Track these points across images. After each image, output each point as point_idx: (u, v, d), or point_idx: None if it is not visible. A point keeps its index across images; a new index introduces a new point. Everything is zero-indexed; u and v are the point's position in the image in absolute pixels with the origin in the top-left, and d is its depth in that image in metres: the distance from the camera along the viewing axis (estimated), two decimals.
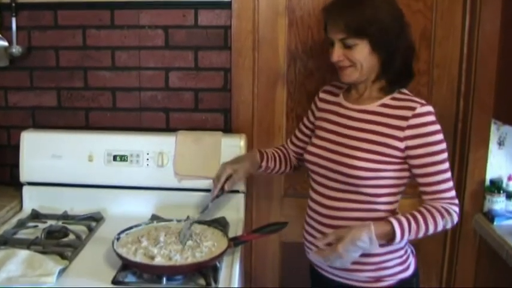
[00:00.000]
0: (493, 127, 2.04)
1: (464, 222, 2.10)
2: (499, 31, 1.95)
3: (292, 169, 1.86)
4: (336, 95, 1.68)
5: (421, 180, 1.51)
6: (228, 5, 2.01)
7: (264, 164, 1.75)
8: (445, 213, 1.48)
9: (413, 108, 1.48)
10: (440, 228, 1.49)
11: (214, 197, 1.68)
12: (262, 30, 2.06)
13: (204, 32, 2.05)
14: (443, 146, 1.50)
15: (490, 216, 1.99)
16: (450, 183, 1.51)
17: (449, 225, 1.51)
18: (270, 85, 2.11)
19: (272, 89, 2.11)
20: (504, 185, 2.05)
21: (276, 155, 1.80)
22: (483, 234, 2.01)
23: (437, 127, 1.49)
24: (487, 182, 2.07)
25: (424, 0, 2.02)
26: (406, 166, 1.52)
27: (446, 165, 1.50)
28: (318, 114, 1.71)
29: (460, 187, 2.10)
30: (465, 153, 2.07)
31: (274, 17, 2.06)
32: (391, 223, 1.44)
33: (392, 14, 1.49)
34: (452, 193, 1.51)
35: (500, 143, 2.06)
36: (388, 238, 1.46)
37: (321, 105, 1.72)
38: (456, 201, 1.52)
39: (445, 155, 1.50)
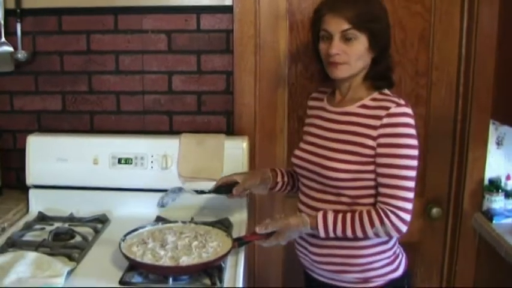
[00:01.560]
0: (492, 127, 2.06)
1: (463, 221, 2.12)
2: (497, 32, 1.98)
3: None
4: (321, 100, 1.69)
5: (378, 180, 1.49)
6: (230, 10, 2.04)
7: (279, 179, 1.77)
8: (377, 222, 1.45)
9: (387, 108, 1.46)
10: (371, 235, 1.48)
11: (203, 191, 1.76)
12: (264, 33, 2.09)
13: (206, 36, 2.07)
14: (412, 152, 1.46)
15: (489, 215, 2.01)
16: (405, 193, 1.45)
17: (384, 235, 1.48)
18: (271, 87, 2.13)
19: (273, 92, 2.14)
20: (503, 184, 2.07)
21: (289, 173, 1.81)
22: (482, 233, 2.03)
23: (410, 131, 1.46)
24: (486, 182, 2.09)
25: (422, 2, 2.04)
26: None
27: (409, 173, 1.45)
28: (307, 120, 1.75)
29: (459, 187, 2.13)
30: (464, 153, 2.09)
31: (275, 20, 2.08)
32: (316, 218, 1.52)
33: (387, 17, 1.55)
34: (402, 204, 1.45)
35: (499, 143, 2.09)
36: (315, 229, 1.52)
37: (309, 112, 1.75)
38: (401, 213, 1.45)
39: (410, 162, 1.45)
